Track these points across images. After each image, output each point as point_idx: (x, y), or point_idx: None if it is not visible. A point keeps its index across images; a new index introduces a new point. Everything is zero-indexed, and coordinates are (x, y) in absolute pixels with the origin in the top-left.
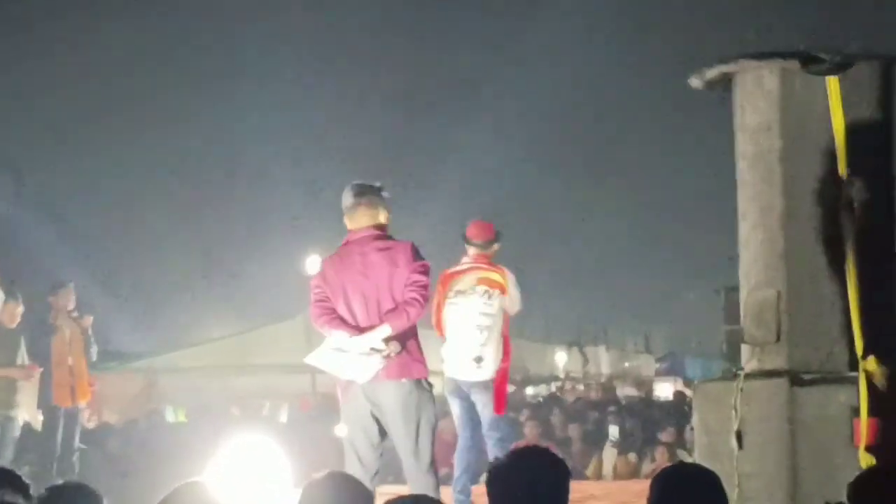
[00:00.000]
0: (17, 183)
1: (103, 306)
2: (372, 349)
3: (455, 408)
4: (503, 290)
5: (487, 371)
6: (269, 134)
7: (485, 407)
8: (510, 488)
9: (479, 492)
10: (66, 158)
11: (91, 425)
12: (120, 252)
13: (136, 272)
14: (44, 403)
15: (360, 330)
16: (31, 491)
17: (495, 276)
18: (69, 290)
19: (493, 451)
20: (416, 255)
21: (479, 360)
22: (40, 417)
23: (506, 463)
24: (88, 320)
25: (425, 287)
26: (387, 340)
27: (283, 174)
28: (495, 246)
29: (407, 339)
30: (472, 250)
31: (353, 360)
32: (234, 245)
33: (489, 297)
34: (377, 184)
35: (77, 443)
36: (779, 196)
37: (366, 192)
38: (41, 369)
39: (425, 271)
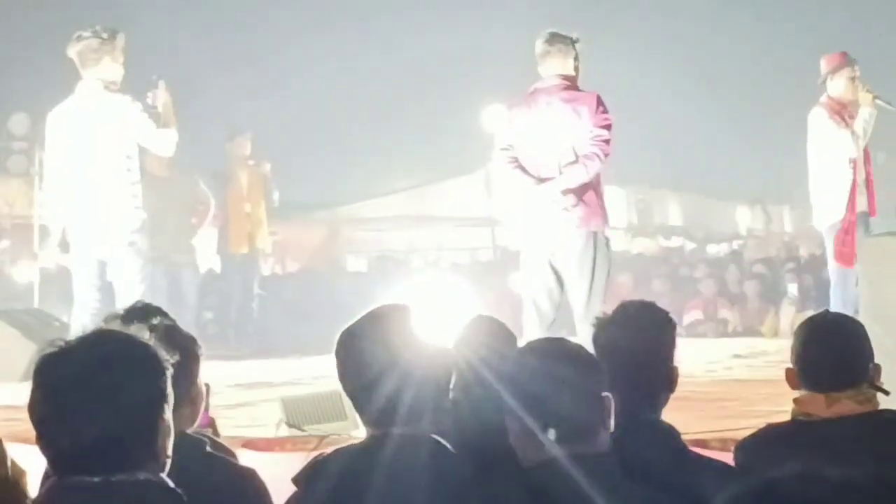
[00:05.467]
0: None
1: (286, 156)
2: (551, 200)
3: None
4: None
5: None
6: None
7: None
8: (615, 341)
9: None
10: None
11: (274, 272)
12: (300, 102)
13: (318, 123)
14: (222, 250)
15: (542, 180)
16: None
17: None
18: (246, 137)
19: None
20: (601, 107)
21: None
22: (220, 264)
23: (611, 317)
24: (266, 167)
25: (607, 142)
26: (565, 192)
27: (468, 20)
28: None
29: (586, 191)
30: None
31: (531, 208)
32: (417, 97)
33: None
34: (573, 34)
35: (256, 289)
36: None
37: (556, 41)
38: (218, 215)
39: (608, 125)
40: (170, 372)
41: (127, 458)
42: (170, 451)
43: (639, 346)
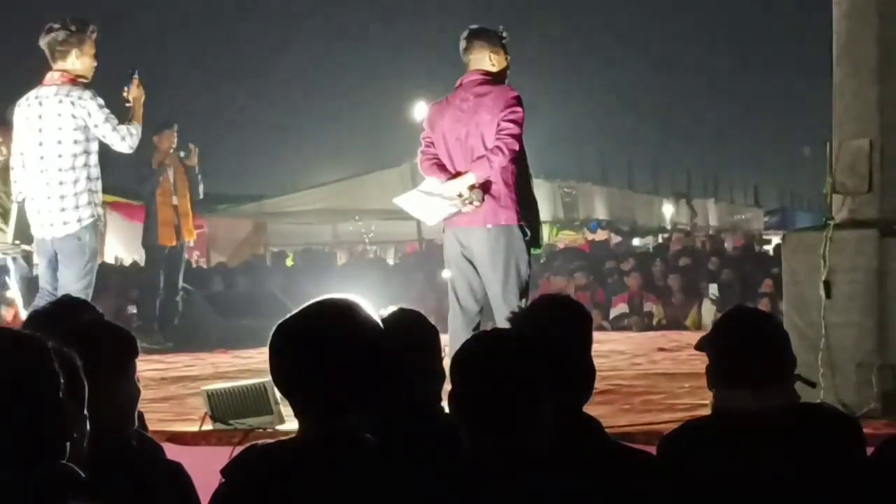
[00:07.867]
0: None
1: (211, 149)
2: (458, 195)
3: None
4: None
5: None
6: None
7: None
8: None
9: None
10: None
11: (199, 265)
12: (225, 93)
13: (241, 115)
14: (148, 242)
15: (455, 175)
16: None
17: None
18: (173, 131)
19: None
20: (511, 101)
21: None
22: (144, 257)
23: (526, 312)
24: (194, 158)
25: (514, 136)
26: (471, 188)
27: (395, 21)
28: None
29: (494, 185)
30: None
31: (434, 204)
32: (342, 91)
33: None
34: (498, 28)
35: (181, 282)
36: (873, 45)
37: (477, 36)
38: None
39: (516, 120)
40: (56, 360)
41: (20, 453)
42: (76, 440)
43: (555, 341)
